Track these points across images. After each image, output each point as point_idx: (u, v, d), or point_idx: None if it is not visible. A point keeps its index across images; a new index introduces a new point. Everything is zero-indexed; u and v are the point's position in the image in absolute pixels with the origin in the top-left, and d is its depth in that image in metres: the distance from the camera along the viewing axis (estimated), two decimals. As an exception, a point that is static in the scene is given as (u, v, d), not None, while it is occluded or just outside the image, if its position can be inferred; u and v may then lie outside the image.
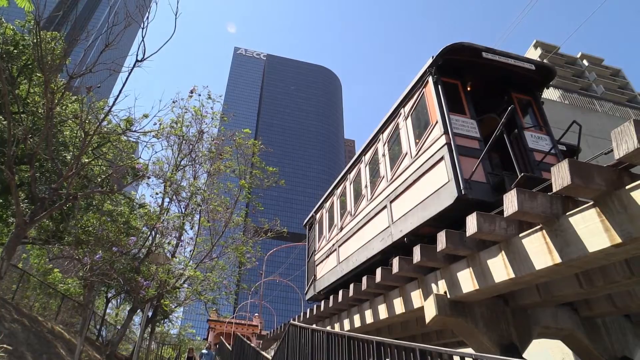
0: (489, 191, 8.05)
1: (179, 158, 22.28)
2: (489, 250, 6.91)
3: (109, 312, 33.27)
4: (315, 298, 17.24)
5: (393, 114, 11.50)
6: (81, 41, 13.16)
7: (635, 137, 3.86)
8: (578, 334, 9.03)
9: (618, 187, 4.73)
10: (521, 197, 5.44)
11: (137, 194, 28.56)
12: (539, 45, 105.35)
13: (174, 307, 29.05)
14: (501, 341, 7.83)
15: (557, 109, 19.82)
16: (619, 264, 6.48)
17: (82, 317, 18.01)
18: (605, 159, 5.77)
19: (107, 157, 16.68)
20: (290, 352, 10.46)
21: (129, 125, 14.41)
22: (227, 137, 23.46)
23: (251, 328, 47.06)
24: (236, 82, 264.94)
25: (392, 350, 5.45)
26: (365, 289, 10.50)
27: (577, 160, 4.85)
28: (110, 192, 15.80)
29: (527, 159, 9.12)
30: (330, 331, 7.96)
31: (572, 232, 5.27)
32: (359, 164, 13.69)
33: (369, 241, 11.90)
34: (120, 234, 17.98)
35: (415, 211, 9.42)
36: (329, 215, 16.42)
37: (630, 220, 4.52)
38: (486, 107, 10.10)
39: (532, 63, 9.85)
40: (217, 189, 23.97)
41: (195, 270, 20.62)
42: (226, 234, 23.87)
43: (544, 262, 5.69)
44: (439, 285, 8.31)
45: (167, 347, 41.23)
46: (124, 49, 16.15)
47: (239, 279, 30.04)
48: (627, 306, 8.33)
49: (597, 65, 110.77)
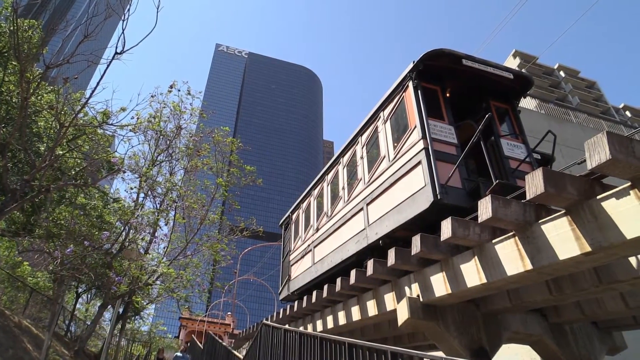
0: (464, 197, 8.13)
1: (155, 153, 22.05)
2: (462, 255, 6.98)
3: (79, 308, 32.76)
4: (289, 298, 17.21)
5: (372, 117, 11.54)
6: (59, 31, 12.89)
7: (607, 148, 3.94)
8: (546, 340, 9.17)
9: (589, 197, 4.82)
10: (495, 203, 5.50)
11: (111, 188, 28.17)
12: (518, 54, 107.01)
13: (145, 304, 28.73)
14: (471, 345, 7.92)
15: (533, 118, 20.11)
16: (587, 272, 6.60)
17: (51, 311, 17.66)
18: (578, 169, 5.88)
19: (82, 150, 16.38)
20: (262, 352, 10.41)
21: (106, 118, 14.19)
22: (205, 134, 23.28)
23: (224, 327, 46.82)
24: (216, 79, 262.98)
25: (364, 352, 5.46)
26: (339, 290, 10.51)
27: (551, 169, 4.92)
28: (84, 186, 15.55)
29: (503, 166, 9.24)
30: (303, 332, 7.95)
31: (543, 239, 5.36)
32: (337, 166, 13.70)
33: (345, 243, 11.92)
34: (93, 228, 17.72)
35: (391, 214, 9.47)
36: (306, 216, 16.40)
37: (600, 229, 4.61)
38: (464, 114, 10.20)
39: (510, 72, 9.98)
40: (193, 185, 23.81)
41: (169, 267, 20.43)
42: (201, 232, 23.72)
43: (516, 268, 5.77)
44: (412, 289, 8.37)
45: (138, 344, 40.68)
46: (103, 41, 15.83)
47: (212, 277, 29.81)
48: (595, 313, 8.50)
49: (574, 76, 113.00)
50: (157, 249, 25.07)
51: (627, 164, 4.00)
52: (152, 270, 20.64)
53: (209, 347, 20.20)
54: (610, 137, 4.00)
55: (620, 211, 4.40)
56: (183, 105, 21.44)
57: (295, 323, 15.22)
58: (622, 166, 4.03)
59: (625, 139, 4.10)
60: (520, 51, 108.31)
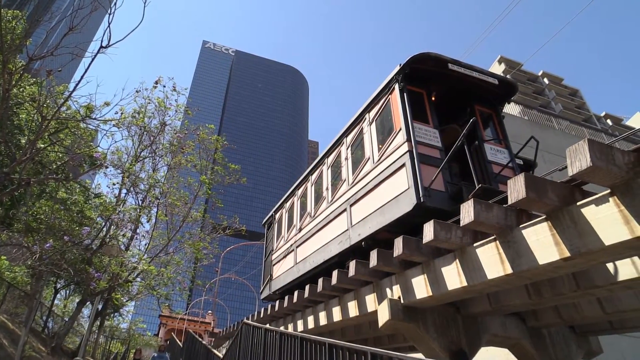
0: (447, 200, 8.19)
1: (139, 149, 21.87)
2: (444, 258, 7.02)
3: (57, 303, 32.24)
4: (271, 298, 17.17)
5: (358, 119, 11.56)
6: (44, 22, 12.70)
7: (588, 155, 3.99)
8: (524, 343, 9.27)
9: (570, 203, 4.87)
10: (478, 207, 5.55)
11: (92, 183, 27.85)
12: (503, 60, 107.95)
13: (125, 301, 28.43)
14: (451, 347, 7.97)
15: (516, 124, 20.32)
16: (566, 277, 6.69)
17: (28, 307, 17.44)
18: (559, 175, 5.95)
19: (64, 144, 16.19)
20: (242, 352, 10.37)
21: (89, 112, 14.01)
22: (190, 131, 23.13)
23: (204, 325, 46.61)
24: (203, 76, 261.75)
25: (344, 353, 5.46)
26: (320, 290, 10.51)
27: (533, 175, 4.97)
28: (65, 180, 15.36)
29: (486, 171, 9.32)
30: (284, 331, 7.93)
31: (524, 244, 5.41)
32: (322, 166, 13.71)
33: (327, 243, 11.92)
34: (73, 223, 17.52)
35: (374, 216, 9.50)
36: (289, 216, 16.38)
37: (579, 235, 4.67)
38: (449, 118, 10.28)
39: (495, 78, 10.07)
40: (176, 183, 23.62)
41: (150, 265, 20.23)
42: (183, 229, 23.54)
43: (496, 272, 5.82)
44: (393, 290, 8.40)
45: (116, 341, 40.30)
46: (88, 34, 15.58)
47: (194, 275, 29.59)
48: (572, 318, 8.62)
49: (557, 84, 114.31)
50: (138, 245, 24.87)
51: (607, 172, 4.06)
52: (132, 267, 20.43)
53: (189, 345, 20.12)
54: (591, 144, 4.05)
55: (599, 218, 4.46)
56: (168, 101, 21.32)
57: (276, 323, 15.19)
58: (602, 173, 4.08)
59: (606, 146, 4.16)
60: (506, 57, 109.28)
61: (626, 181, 4.20)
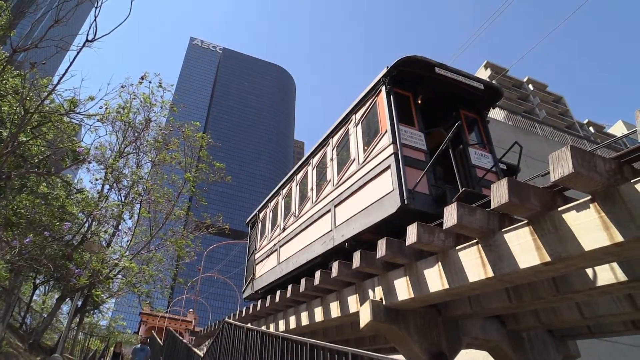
0: (430, 203, 8.22)
1: (123, 145, 21.68)
2: (426, 260, 7.06)
3: (36, 299, 31.87)
4: (253, 297, 17.12)
5: (344, 120, 11.57)
6: (29, 14, 12.54)
7: (570, 162, 4.04)
8: (504, 346, 9.36)
9: (551, 209, 4.93)
10: (461, 211, 5.58)
11: (74, 178, 27.53)
12: (489, 66, 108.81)
13: (105, 298, 28.22)
14: (431, 349, 8.02)
15: (501, 129, 20.52)
16: (546, 281, 6.76)
17: (6, 302, 17.20)
18: (541, 181, 6.02)
19: (46, 138, 15.95)
20: (223, 351, 10.33)
21: (73, 106, 13.82)
22: (175, 127, 22.99)
23: (185, 324, 46.29)
24: (189, 72, 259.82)
25: (325, 353, 5.47)
26: (303, 290, 10.50)
27: (516, 180, 5.02)
28: (47, 174, 15.16)
29: (469, 175, 9.38)
30: (265, 331, 7.92)
31: (505, 248, 5.46)
32: (307, 166, 13.69)
33: (311, 243, 11.92)
34: (54, 218, 17.28)
35: (358, 217, 9.52)
36: (273, 215, 16.35)
37: (559, 240, 4.72)
38: (434, 121, 10.33)
39: (481, 83, 10.13)
40: (160, 179, 23.46)
41: (131, 262, 20.07)
42: (166, 227, 23.40)
43: (478, 275, 5.86)
44: (375, 292, 8.42)
45: (95, 338, 39.86)
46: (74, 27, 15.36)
47: (175, 273, 29.42)
48: (551, 322, 8.72)
49: (542, 90, 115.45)
50: (120, 242, 24.67)
51: (589, 178, 4.11)
52: (113, 263, 20.25)
53: (169, 343, 19.98)
54: (573, 151, 4.10)
55: (580, 224, 4.51)
56: (154, 97, 21.14)
57: (257, 322, 15.15)
58: (583, 180, 4.13)
59: (588, 153, 4.21)
60: (492, 62, 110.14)
61: (607, 188, 4.26)
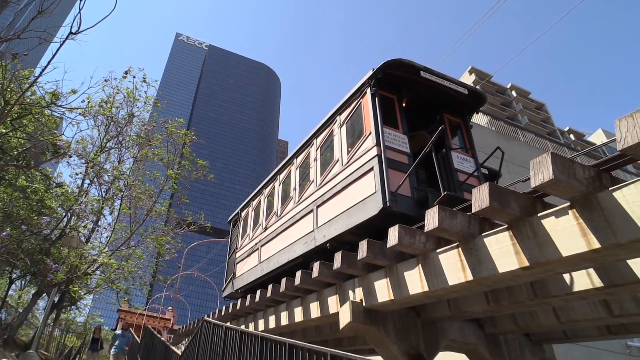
0: (412, 205, 8.27)
1: (105, 139, 21.45)
2: (407, 263, 7.09)
3: (12, 294, 31.42)
4: (233, 296, 17.04)
5: (329, 120, 11.58)
6: (12, 4, 12.33)
7: (550, 168, 4.09)
8: (481, 349, 9.44)
9: (531, 214, 4.98)
10: (442, 214, 5.62)
11: (54, 171, 27.17)
12: (474, 71, 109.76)
13: (83, 294, 27.84)
14: (410, 351, 8.05)
15: (483, 134, 20.72)
16: (524, 285, 6.84)
17: (-20, 297, 16.87)
18: (522, 186, 6.08)
19: (26, 130, 15.73)
20: (202, 349, 10.26)
21: (55, 99, 13.64)
22: (158, 123, 22.83)
23: (163, 321, 45.85)
24: (174, 68, 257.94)
25: (304, 354, 5.46)
26: (283, 290, 10.48)
27: (497, 185, 5.07)
28: (26, 167, 14.93)
29: (451, 179, 9.45)
30: (244, 330, 7.88)
31: (485, 252, 5.51)
32: (290, 166, 13.68)
33: (292, 243, 11.91)
34: (33, 212, 17.03)
35: (340, 218, 9.53)
36: (255, 214, 16.30)
37: (538, 245, 4.78)
38: (418, 124, 10.39)
39: (465, 88, 10.21)
40: (142, 175, 23.25)
41: (110, 258, 19.86)
42: (147, 223, 23.22)
43: (457, 279, 5.90)
44: (355, 293, 8.44)
45: (72, 335, 39.30)
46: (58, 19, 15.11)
47: (155, 270, 29.18)
48: (528, 326, 8.82)
49: (524, 97, 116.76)
50: (99, 238, 24.42)
51: (568, 185, 4.16)
52: (92, 259, 20.03)
53: (147, 341, 19.79)
54: (554, 157, 4.15)
55: (558, 229, 4.57)
56: (137, 92, 20.98)
57: (237, 321, 15.07)
58: (563, 186, 4.19)
59: (568, 160, 4.27)
60: (477, 68, 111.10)
61: (585, 195, 4.32)
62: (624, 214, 3.98)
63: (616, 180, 4.40)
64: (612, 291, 6.06)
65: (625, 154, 3.86)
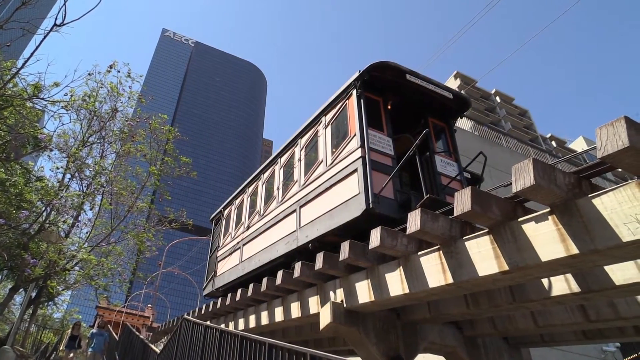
0: (395, 208, 8.31)
1: (87, 134, 21.17)
2: (388, 265, 7.11)
3: (-13, 288, 30.89)
4: (213, 294, 16.95)
5: (314, 121, 11.58)
6: (-6, -6, 12.17)
7: (532, 174, 4.13)
8: (460, 352, 9.51)
9: (512, 219, 5.03)
10: (424, 217, 5.64)
11: (35, 165, 26.78)
12: (459, 76, 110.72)
13: (61, 290, 27.52)
14: (389, 353, 8.09)
15: (467, 139, 20.88)
16: (503, 289, 6.91)
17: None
18: (504, 191, 6.15)
19: (7, 122, 15.48)
20: (180, 347, 10.18)
21: (37, 91, 13.46)
22: (142, 119, 22.60)
23: (142, 319, 45.40)
24: (160, 64, 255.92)
25: (284, 353, 5.45)
26: (264, 290, 10.44)
27: (479, 189, 5.10)
28: (6, 160, 14.73)
29: (434, 182, 9.51)
30: (224, 329, 7.84)
31: (466, 255, 5.55)
32: (274, 166, 13.65)
33: (274, 243, 11.88)
34: (11, 206, 16.79)
35: (323, 218, 9.53)
36: (237, 213, 16.23)
37: (518, 250, 4.83)
38: (403, 127, 10.44)
39: (450, 92, 10.29)
40: (124, 171, 23.01)
41: (90, 254, 19.61)
42: (128, 219, 22.98)
43: (437, 281, 5.94)
44: (337, 294, 8.44)
45: (49, 331, 38.79)
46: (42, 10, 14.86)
47: (135, 267, 28.88)
48: (506, 329, 8.92)
49: (508, 103, 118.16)
50: (79, 233, 24.13)
51: (549, 191, 4.21)
52: (71, 255, 19.79)
53: (125, 338, 19.57)
54: (535, 164, 4.20)
55: (538, 235, 4.62)
56: (121, 87, 20.67)
57: (217, 320, 15.00)
58: (544, 192, 4.23)
59: (549, 167, 4.32)
60: (462, 73, 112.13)
61: (565, 201, 4.37)
62: (602, 221, 4.04)
63: (596, 187, 4.47)
64: (589, 296, 6.16)
65: (605, 161, 3.91)
